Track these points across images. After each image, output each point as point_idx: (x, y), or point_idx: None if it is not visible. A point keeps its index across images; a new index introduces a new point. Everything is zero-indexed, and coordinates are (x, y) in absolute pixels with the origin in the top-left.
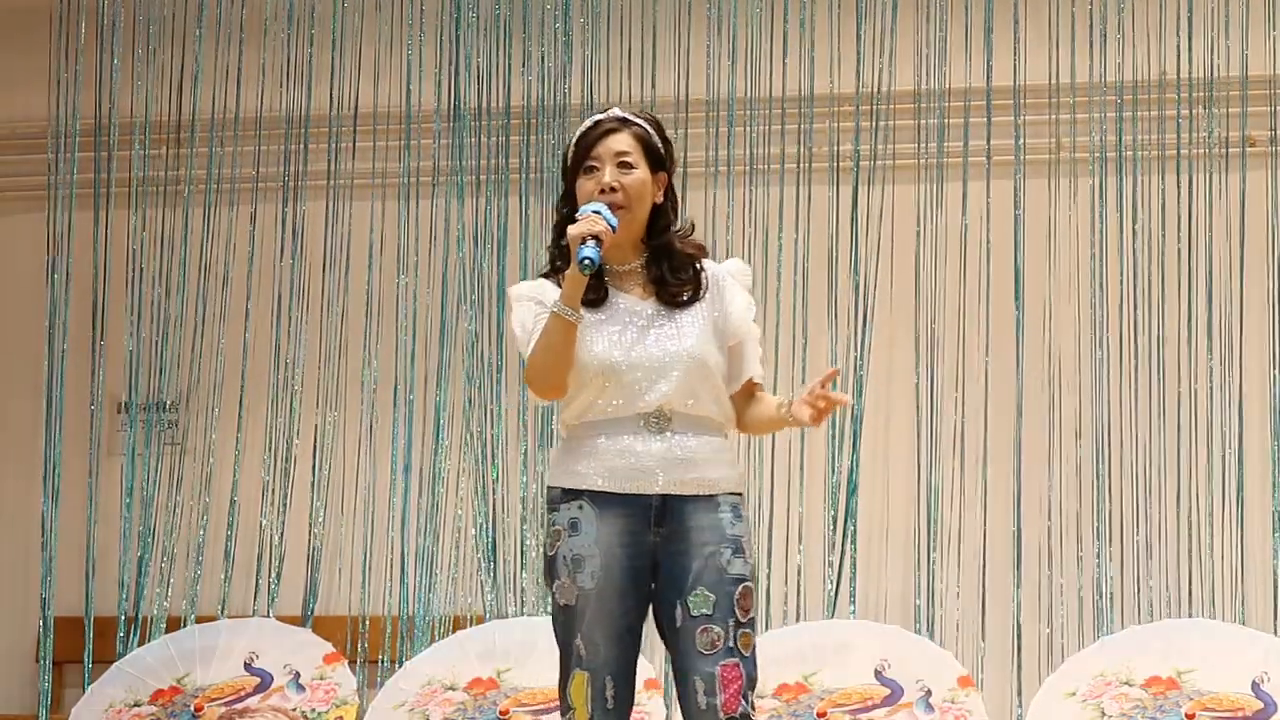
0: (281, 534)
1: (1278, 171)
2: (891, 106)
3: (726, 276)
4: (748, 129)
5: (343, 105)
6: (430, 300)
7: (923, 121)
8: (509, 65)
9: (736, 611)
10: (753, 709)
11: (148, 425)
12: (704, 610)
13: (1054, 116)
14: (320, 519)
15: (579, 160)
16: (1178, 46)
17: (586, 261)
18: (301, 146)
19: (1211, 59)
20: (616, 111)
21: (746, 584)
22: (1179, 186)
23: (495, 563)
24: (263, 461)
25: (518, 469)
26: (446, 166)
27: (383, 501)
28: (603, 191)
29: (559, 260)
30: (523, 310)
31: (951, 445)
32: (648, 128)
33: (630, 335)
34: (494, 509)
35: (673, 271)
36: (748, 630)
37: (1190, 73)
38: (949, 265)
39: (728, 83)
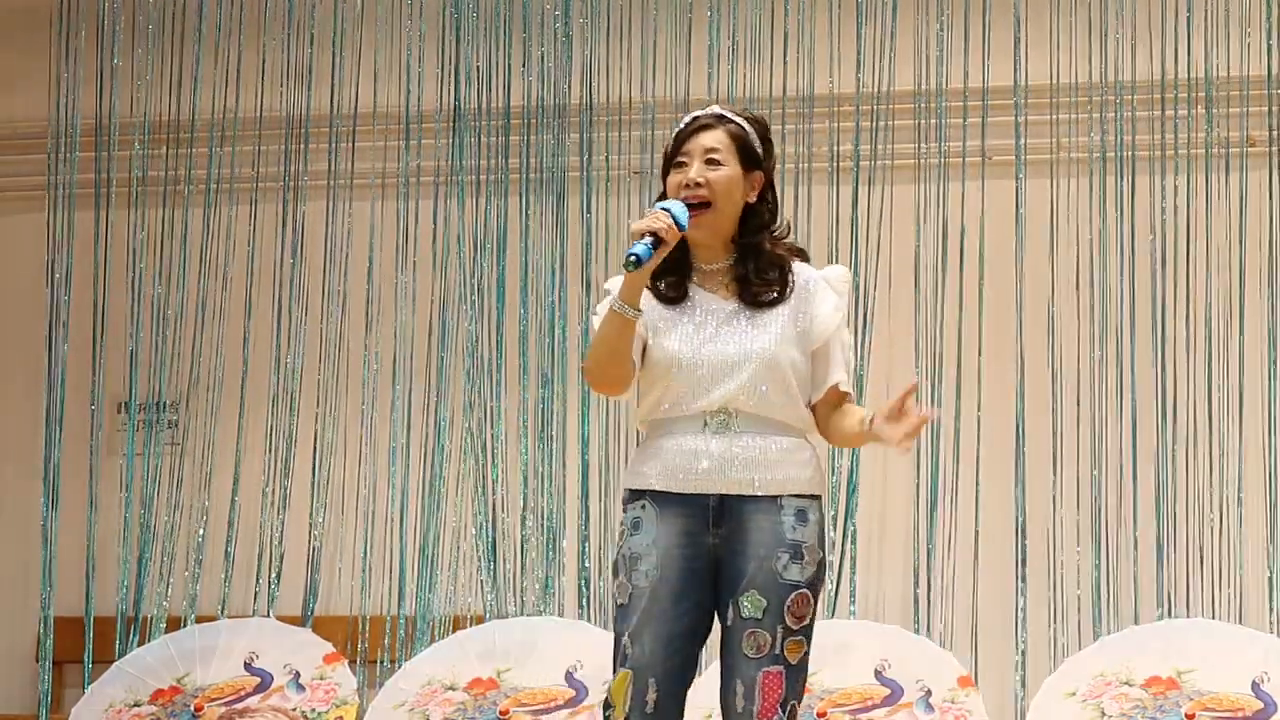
0: (281, 534)
1: (1275, 171)
2: (891, 106)
3: (820, 281)
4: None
5: (343, 105)
6: (430, 300)
7: (923, 121)
8: (509, 65)
9: (787, 618)
10: (791, 718)
11: (148, 425)
12: (754, 614)
13: (1054, 116)
14: (320, 519)
15: (671, 156)
16: (1177, 47)
17: (632, 259)
18: (302, 146)
19: (1214, 59)
20: (716, 109)
21: (801, 591)
22: (1178, 186)
23: (495, 563)
24: (263, 461)
25: (518, 469)
26: (446, 166)
27: (383, 501)
28: (686, 187)
29: None
30: (602, 303)
31: (951, 445)
32: (745, 126)
33: (704, 333)
34: (494, 509)
35: (758, 272)
36: (799, 639)
37: (1190, 73)
38: (949, 265)
39: (728, 83)
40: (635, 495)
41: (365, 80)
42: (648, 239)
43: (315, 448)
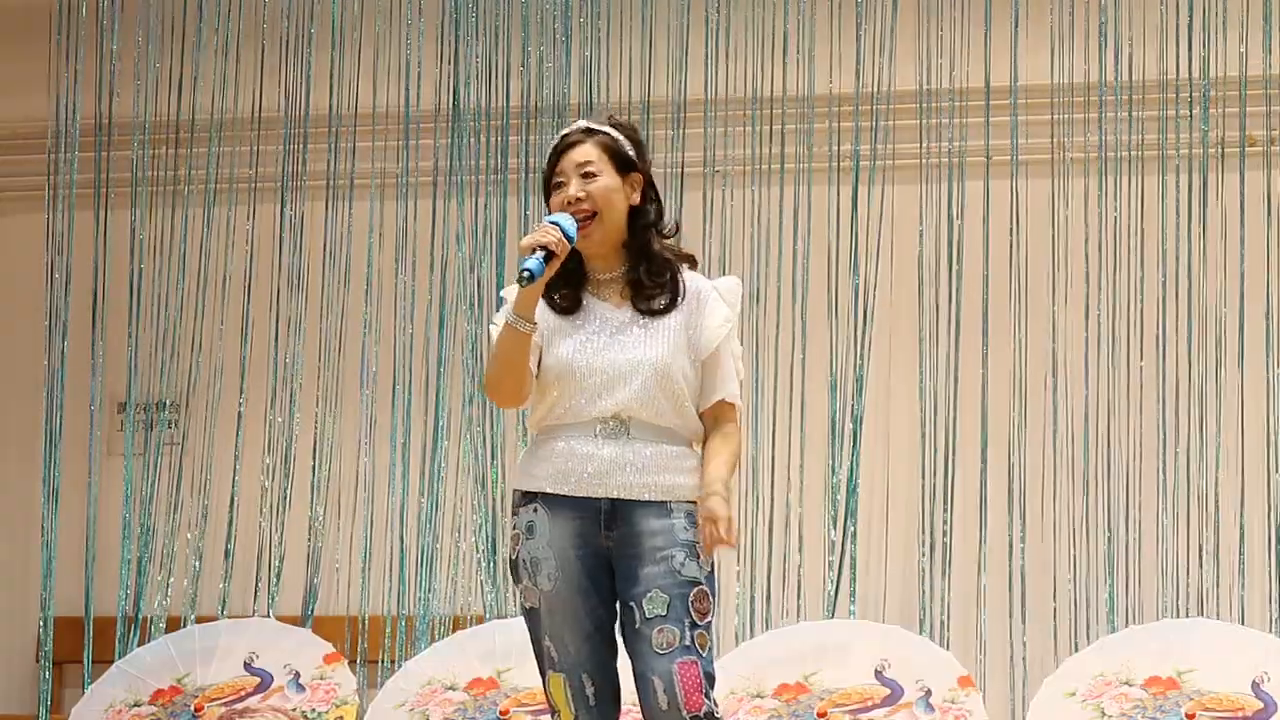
0: (281, 534)
1: (1274, 171)
2: (891, 106)
3: (711, 291)
4: (748, 129)
5: (342, 105)
6: (430, 300)
7: (923, 121)
8: (509, 65)
9: (692, 613)
10: (716, 706)
11: (147, 425)
12: (659, 611)
13: (1054, 116)
14: (320, 519)
15: (548, 179)
16: (1177, 46)
17: (525, 274)
18: (301, 146)
19: (1214, 59)
20: (581, 123)
21: (701, 586)
22: (1178, 186)
23: (495, 563)
24: (262, 461)
25: (517, 468)
26: (446, 166)
27: (383, 501)
28: (569, 204)
29: None
30: (499, 313)
31: (951, 445)
32: (612, 133)
33: (598, 341)
34: (494, 509)
35: (649, 274)
36: (703, 631)
37: (1190, 73)
38: (949, 265)
39: (728, 83)
40: (527, 498)
41: (365, 80)
42: (539, 253)
43: (315, 448)
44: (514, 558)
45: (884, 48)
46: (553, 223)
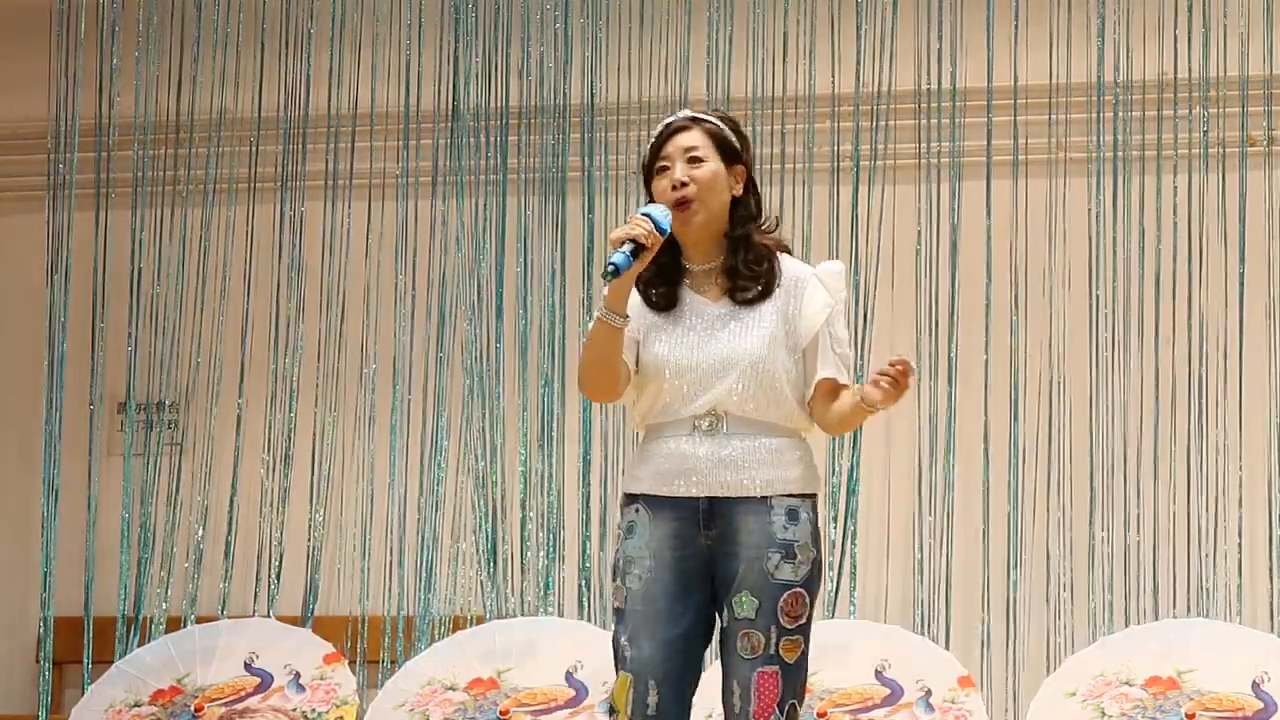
0: (281, 534)
1: (1273, 171)
2: (892, 106)
3: (811, 278)
4: (748, 129)
5: (341, 105)
6: (429, 300)
7: (923, 121)
8: (509, 65)
9: (781, 618)
10: (793, 716)
11: (147, 425)
12: (747, 614)
13: (1054, 116)
14: (320, 519)
15: (652, 163)
16: (1176, 47)
17: (610, 268)
18: (301, 146)
19: (1214, 59)
20: (687, 112)
21: (794, 590)
22: (1178, 186)
23: (495, 563)
24: (262, 461)
25: (517, 468)
26: (445, 166)
27: (382, 501)
28: (674, 188)
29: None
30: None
31: (951, 445)
32: (718, 123)
33: (692, 338)
34: (494, 509)
35: (747, 264)
36: (794, 638)
37: (1190, 73)
38: (949, 265)
39: (728, 83)
40: (630, 499)
41: (364, 80)
42: (627, 246)
43: (315, 448)
44: (615, 559)
45: (884, 48)
46: (644, 214)
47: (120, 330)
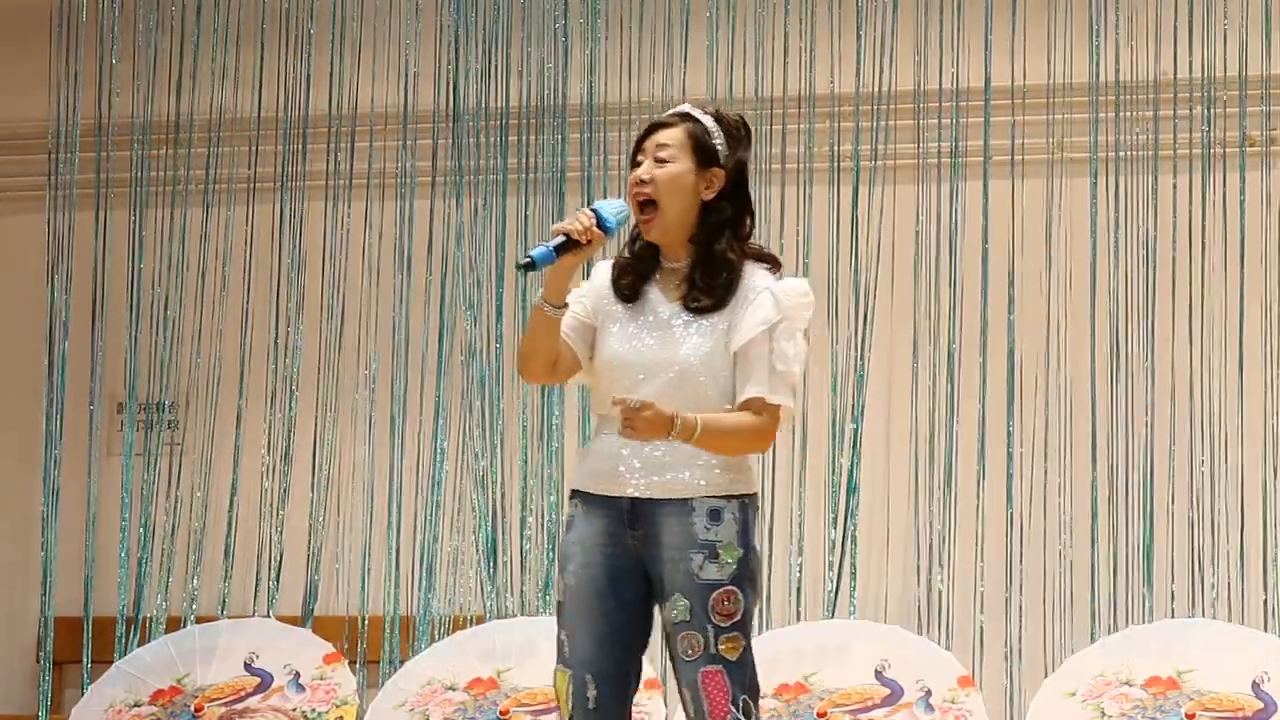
0: (281, 534)
1: (1273, 171)
2: (892, 106)
3: (765, 292)
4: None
5: (341, 105)
6: (429, 300)
7: (923, 121)
8: (509, 65)
9: (714, 617)
10: (750, 713)
11: (147, 425)
12: (682, 617)
13: (1054, 116)
14: (320, 519)
15: (633, 155)
16: (1176, 47)
17: (526, 260)
18: (300, 146)
19: (1214, 59)
20: (685, 106)
21: (724, 588)
22: (1177, 186)
23: (495, 563)
24: (262, 461)
25: (517, 469)
26: (445, 167)
27: (382, 501)
28: (633, 185)
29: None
30: (573, 292)
31: (951, 445)
32: (706, 123)
33: (639, 335)
34: (494, 509)
35: (705, 275)
36: (733, 634)
37: (1190, 72)
38: (949, 265)
39: (728, 83)
40: (572, 494)
41: (364, 80)
42: (555, 240)
43: (315, 448)
44: (559, 550)
45: (884, 48)
46: (593, 209)
47: (120, 330)
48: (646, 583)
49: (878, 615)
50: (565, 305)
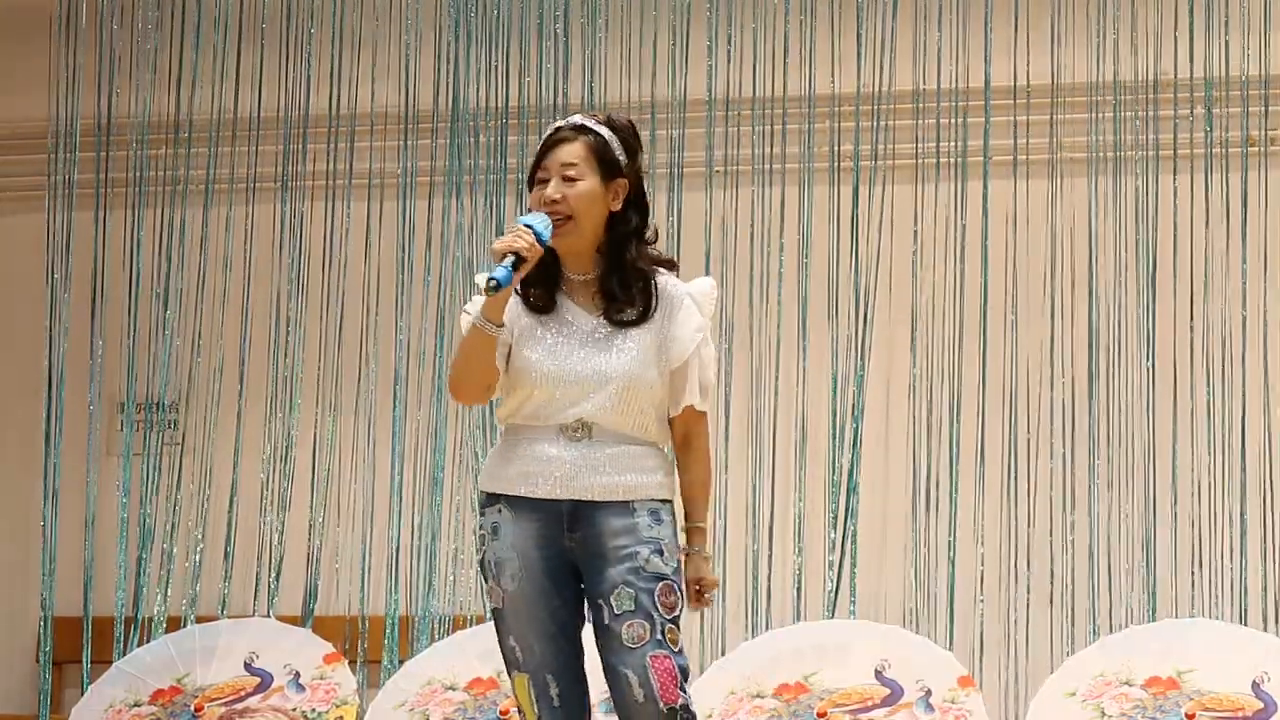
0: (281, 534)
1: (1274, 171)
2: (892, 106)
3: (685, 297)
4: (748, 129)
5: (341, 105)
6: (429, 300)
7: (923, 121)
8: (509, 65)
9: (660, 608)
10: (691, 701)
11: (147, 425)
12: (627, 607)
13: (1054, 116)
14: (320, 519)
15: (532, 172)
16: (1176, 47)
17: (492, 283)
18: (301, 146)
19: (1214, 59)
20: (576, 118)
21: (668, 581)
22: (1178, 187)
23: None
24: (262, 461)
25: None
26: (446, 166)
27: (382, 501)
28: (546, 204)
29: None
30: (473, 301)
31: (951, 445)
32: (604, 134)
33: (566, 349)
34: None
35: (622, 286)
36: (673, 625)
37: (1191, 72)
38: (948, 265)
39: (728, 83)
40: (492, 499)
41: (364, 80)
42: (509, 260)
43: (315, 447)
44: (481, 559)
45: (884, 48)
46: (526, 225)
47: (120, 330)
48: (578, 580)
49: (878, 615)
50: (504, 324)
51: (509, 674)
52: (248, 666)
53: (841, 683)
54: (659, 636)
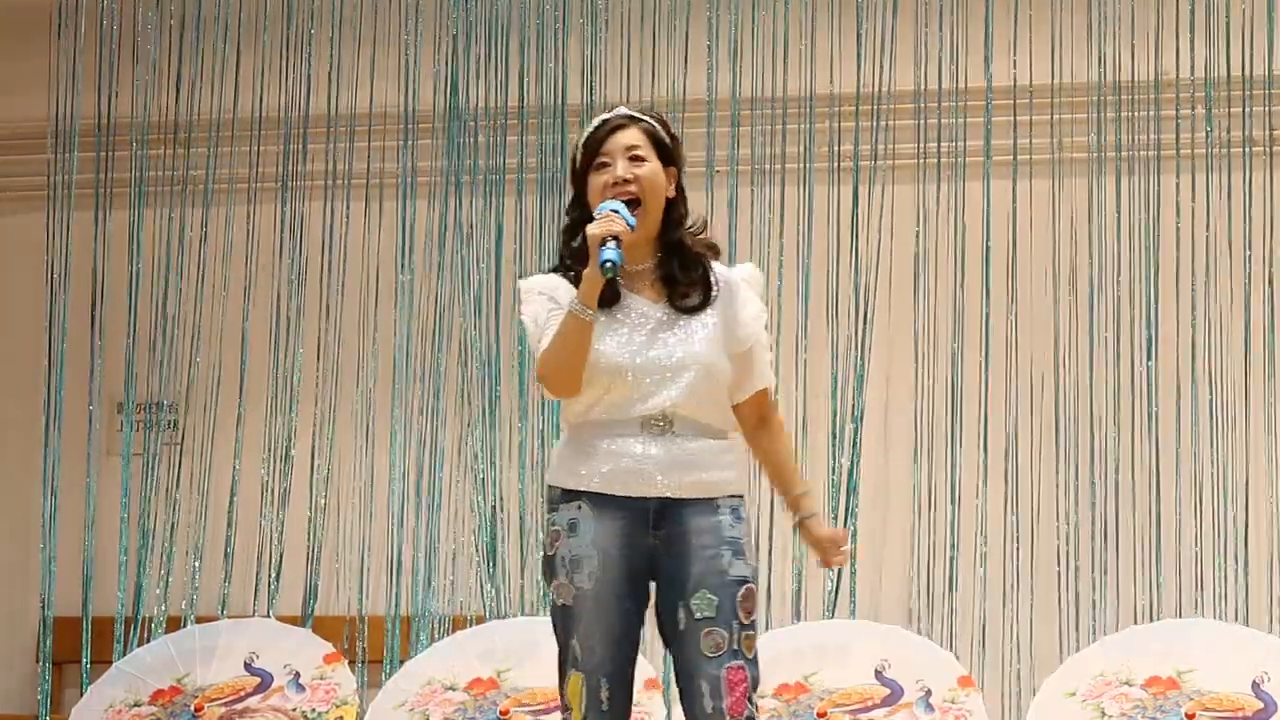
0: (281, 534)
1: (1275, 172)
2: (892, 106)
3: (740, 282)
4: (748, 129)
5: (341, 105)
6: (429, 300)
7: (923, 121)
8: (509, 65)
9: (739, 614)
10: (757, 711)
11: (146, 425)
12: (707, 613)
13: (1054, 116)
14: (320, 519)
15: (589, 157)
16: (1177, 46)
17: (608, 265)
18: (301, 146)
19: (1214, 59)
20: (622, 110)
21: (748, 585)
22: (1178, 187)
23: (495, 563)
24: (262, 461)
25: (517, 469)
26: (446, 166)
27: (382, 501)
28: (615, 185)
29: (569, 259)
30: (535, 305)
31: (951, 445)
32: (654, 123)
33: (639, 338)
34: (494, 509)
35: (683, 270)
36: (750, 632)
37: (1192, 72)
38: (948, 265)
39: (727, 83)
40: (570, 496)
41: (364, 80)
42: (612, 241)
43: (314, 447)
44: (551, 554)
45: (884, 48)
46: (613, 210)
47: (120, 330)
48: (650, 581)
49: (878, 615)
50: (597, 312)
51: (561, 671)
52: (248, 666)
53: (841, 683)
54: (735, 646)
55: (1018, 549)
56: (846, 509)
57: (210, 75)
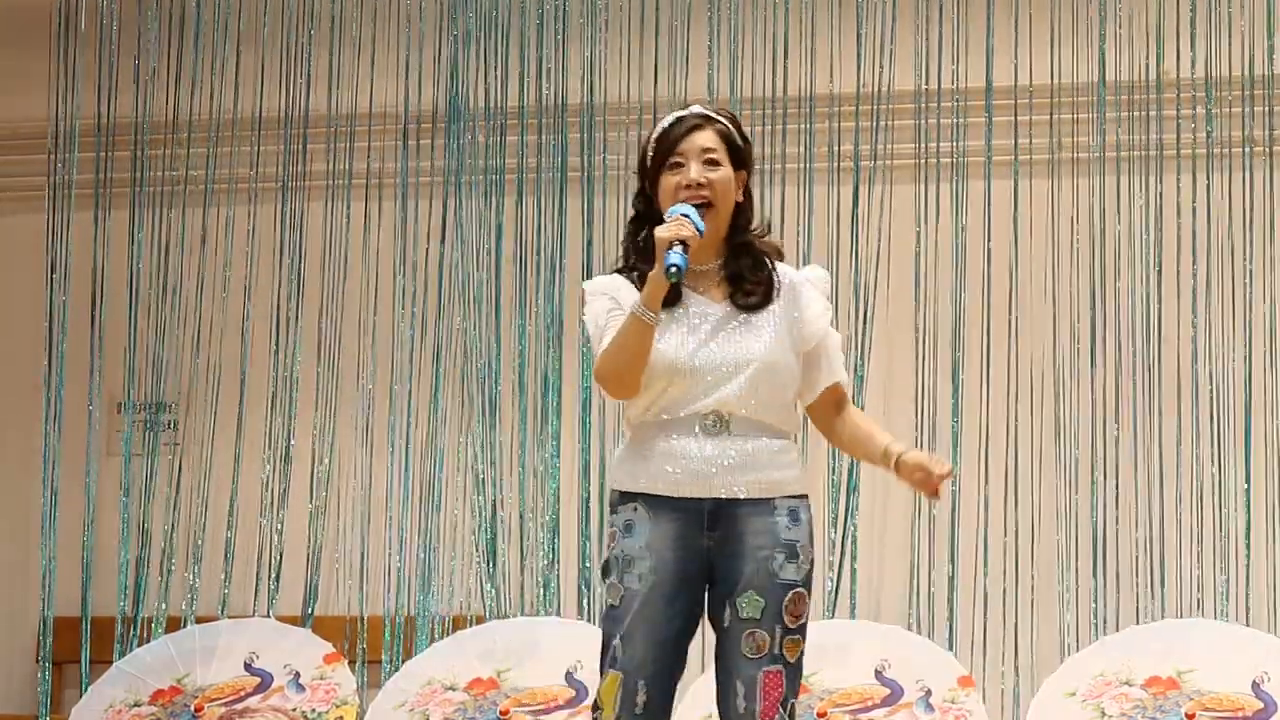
0: (281, 534)
1: (1275, 172)
2: (891, 106)
3: (804, 282)
4: (748, 129)
5: (341, 105)
6: (428, 300)
7: (923, 121)
8: (509, 65)
9: (785, 617)
10: (792, 716)
11: (146, 425)
12: (752, 614)
13: (1054, 116)
14: (320, 519)
15: (663, 156)
16: (1178, 46)
17: (673, 269)
18: (301, 146)
19: (1214, 59)
20: (699, 108)
21: (797, 590)
22: (1179, 187)
23: (495, 563)
24: (262, 461)
25: (517, 468)
26: (446, 166)
27: (382, 501)
28: (688, 188)
29: (634, 257)
30: (597, 306)
31: (951, 445)
32: (729, 126)
33: (698, 337)
34: (494, 509)
35: (751, 269)
36: (796, 637)
37: (1192, 72)
38: (948, 265)
39: (728, 83)
40: (627, 498)
41: (364, 80)
42: (679, 247)
43: (314, 448)
44: (607, 555)
45: (884, 48)
46: (684, 214)
47: (120, 330)
48: (704, 585)
49: (878, 615)
50: (659, 314)
51: (601, 669)
52: (248, 667)
53: (841, 683)
54: (776, 651)
55: (1018, 549)
56: (846, 509)
57: (210, 75)
